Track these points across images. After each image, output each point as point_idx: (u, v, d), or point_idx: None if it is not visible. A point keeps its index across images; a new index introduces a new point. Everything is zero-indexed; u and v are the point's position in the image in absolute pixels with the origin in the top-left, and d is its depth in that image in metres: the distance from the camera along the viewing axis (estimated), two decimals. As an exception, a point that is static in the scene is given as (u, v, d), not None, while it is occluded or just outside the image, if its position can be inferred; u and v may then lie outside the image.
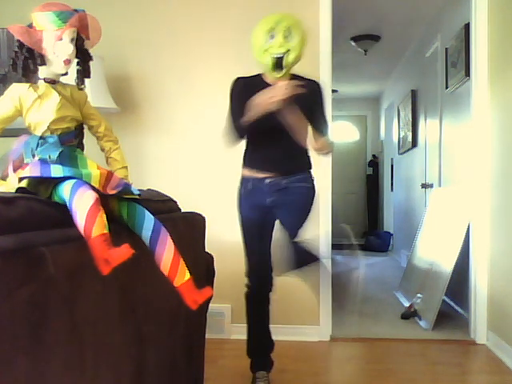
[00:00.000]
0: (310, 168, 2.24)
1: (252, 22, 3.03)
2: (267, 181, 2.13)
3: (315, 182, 2.23)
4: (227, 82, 3.04)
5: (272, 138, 2.11)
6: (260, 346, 2.33)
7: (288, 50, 2.00)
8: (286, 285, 2.88)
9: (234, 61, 3.02)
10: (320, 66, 2.97)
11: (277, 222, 2.22)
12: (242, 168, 2.24)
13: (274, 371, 2.47)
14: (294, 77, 2.13)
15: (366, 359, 2.75)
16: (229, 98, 2.19)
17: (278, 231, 2.22)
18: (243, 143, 2.23)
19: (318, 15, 2.98)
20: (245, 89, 2.12)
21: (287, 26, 2.01)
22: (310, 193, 2.19)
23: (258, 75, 2.18)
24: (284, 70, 2.04)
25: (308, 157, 2.24)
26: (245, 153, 2.24)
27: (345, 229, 2.34)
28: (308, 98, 2.05)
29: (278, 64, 2.01)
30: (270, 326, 2.33)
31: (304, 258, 2.14)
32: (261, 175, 2.14)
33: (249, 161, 2.21)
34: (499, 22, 2.80)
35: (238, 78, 2.21)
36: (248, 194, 2.19)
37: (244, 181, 2.21)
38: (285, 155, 2.15)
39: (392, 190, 6.92)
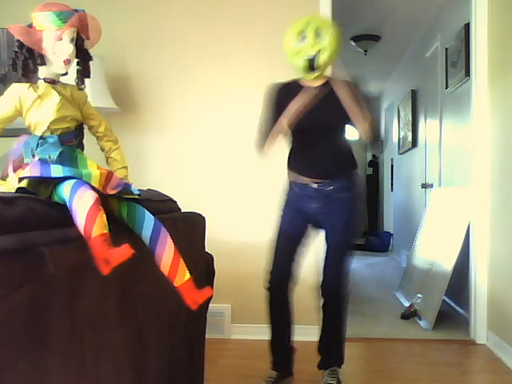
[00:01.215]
0: (355, 168, 2.25)
1: (252, 22, 3.05)
2: (313, 186, 2.15)
3: (359, 182, 2.25)
4: (227, 81, 3.06)
5: (314, 138, 2.13)
6: (273, 343, 2.31)
7: (319, 51, 2.01)
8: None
9: (234, 60, 3.02)
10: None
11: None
12: (287, 170, 2.26)
13: (274, 371, 2.47)
14: (329, 78, 2.15)
15: (366, 359, 2.75)
16: (264, 105, 2.21)
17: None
18: (286, 144, 2.25)
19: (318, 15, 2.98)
20: (280, 96, 2.16)
21: (317, 26, 2.02)
22: (354, 205, 2.20)
23: (294, 81, 2.18)
24: (317, 71, 2.05)
25: (352, 156, 2.26)
26: (289, 154, 2.25)
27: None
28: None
29: (310, 65, 2.02)
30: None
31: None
32: (306, 180, 2.16)
33: (293, 163, 2.23)
34: (499, 22, 2.80)
35: (274, 85, 2.20)
36: (294, 197, 2.21)
37: (291, 184, 2.23)
38: (328, 156, 2.17)
39: (392, 190, 6.92)
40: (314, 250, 2.90)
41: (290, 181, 2.23)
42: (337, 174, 2.17)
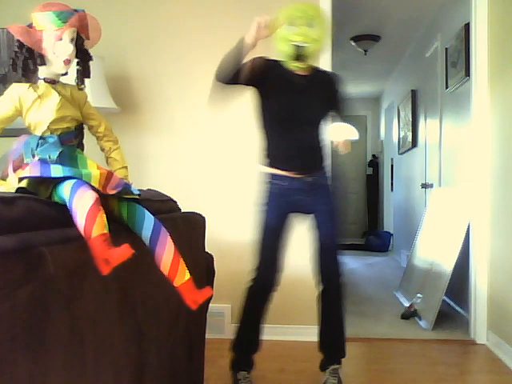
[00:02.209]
0: (325, 165, 2.23)
1: (252, 22, 3.04)
2: (296, 180, 2.11)
3: (340, 173, 2.28)
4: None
5: (296, 130, 2.08)
6: (248, 344, 2.26)
7: (310, 40, 1.96)
8: (286, 285, 2.88)
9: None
10: (320, 66, 2.96)
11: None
12: (264, 165, 2.17)
13: (274, 371, 2.47)
14: (315, 70, 2.12)
15: (366, 359, 2.75)
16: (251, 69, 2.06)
17: None
18: (262, 137, 2.18)
19: (318, 15, 2.98)
20: (267, 68, 2.06)
21: (311, 15, 1.97)
22: (335, 195, 2.20)
23: (282, 62, 2.09)
24: (303, 61, 2.00)
25: (324, 150, 2.22)
26: (266, 149, 2.16)
27: None
28: (328, 89, 2.13)
29: (298, 54, 1.97)
30: (264, 325, 2.27)
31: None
32: (289, 173, 2.10)
33: (274, 157, 2.14)
34: (499, 22, 2.80)
35: (266, 59, 2.09)
36: (277, 191, 2.13)
37: (272, 178, 2.13)
38: (310, 149, 2.14)
39: (392, 190, 6.92)
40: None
41: (272, 174, 2.14)
42: (319, 165, 2.16)
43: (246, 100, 3.01)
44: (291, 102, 2.05)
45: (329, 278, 2.20)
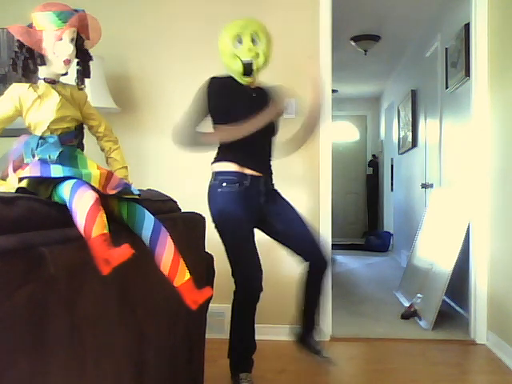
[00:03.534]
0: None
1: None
2: (262, 180, 2.14)
3: None
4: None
5: (257, 138, 2.08)
6: (246, 346, 2.26)
7: (257, 54, 2.05)
8: (286, 285, 2.88)
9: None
10: (320, 66, 2.97)
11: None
12: (223, 161, 2.14)
13: (274, 371, 2.47)
14: (260, 83, 2.21)
15: (366, 359, 2.75)
16: (198, 96, 2.14)
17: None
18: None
19: (318, 15, 2.98)
20: (221, 89, 2.13)
21: (254, 30, 2.06)
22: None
23: (231, 78, 2.16)
24: (252, 76, 2.10)
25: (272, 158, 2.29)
26: (228, 147, 2.13)
27: None
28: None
29: (249, 69, 2.06)
30: (258, 324, 2.25)
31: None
32: (255, 173, 2.11)
33: (238, 156, 2.11)
34: (499, 22, 2.80)
35: (213, 78, 2.16)
36: (243, 191, 2.08)
37: (236, 175, 2.09)
38: (269, 155, 2.23)
39: (392, 190, 6.92)
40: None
41: (236, 172, 2.09)
42: (270, 171, 2.23)
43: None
44: (247, 111, 2.08)
45: (320, 263, 2.18)
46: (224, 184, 2.09)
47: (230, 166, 2.11)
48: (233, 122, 2.07)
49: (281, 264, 2.90)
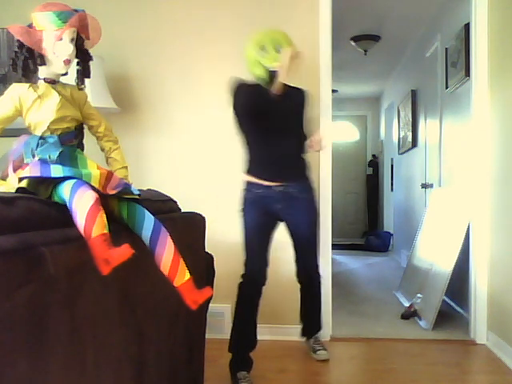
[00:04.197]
0: (309, 170, 2.42)
1: (253, 22, 3.05)
2: (276, 189, 2.29)
3: (313, 184, 2.45)
4: (227, 82, 3.05)
5: (276, 139, 2.26)
6: (245, 341, 2.33)
7: (280, 63, 2.15)
8: (286, 285, 2.88)
9: (234, 61, 3.02)
10: (320, 66, 2.97)
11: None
12: (244, 173, 2.37)
13: (274, 371, 2.47)
14: (286, 87, 2.29)
15: (366, 359, 2.75)
16: (235, 96, 2.24)
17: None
18: (243, 147, 2.38)
19: (318, 15, 2.98)
20: (250, 92, 2.25)
21: (277, 39, 2.20)
22: (315, 205, 2.43)
23: (258, 84, 2.29)
24: (276, 83, 2.19)
25: (306, 159, 2.41)
26: (247, 157, 2.35)
27: None
28: (300, 103, 2.39)
29: (270, 76, 2.19)
30: (258, 324, 2.37)
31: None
32: (269, 183, 2.28)
33: (253, 166, 2.33)
34: (499, 22, 2.80)
35: (239, 81, 2.27)
36: (256, 199, 2.31)
37: (250, 186, 2.33)
38: (290, 158, 2.33)
39: (392, 190, 6.92)
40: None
41: (251, 182, 2.33)
42: (298, 176, 2.37)
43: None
44: (269, 116, 2.24)
45: (307, 278, 2.53)
46: (245, 191, 2.36)
47: (249, 178, 2.34)
48: (255, 122, 2.25)
49: (280, 264, 2.90)
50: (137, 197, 1.31)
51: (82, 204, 1.09)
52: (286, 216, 2.36)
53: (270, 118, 2.23)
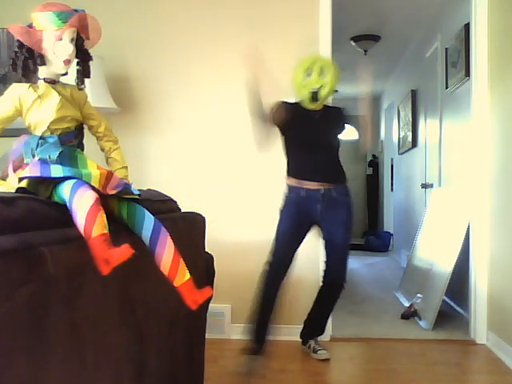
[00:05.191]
0: (346, 181, 2.61)
1: (252, 22, 3.05)
2: (320, 191, 2.47)
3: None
4: (227, 81, 3.06)
5: (315, 150, 2.49)
6: (265, 313, 2.45)
7: (322, 86, 2.43)
8: (288, 286, 2.88)
9: (234, 61, 3.02)
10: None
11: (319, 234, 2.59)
12: (287, 177, 2.54)
13: (274, 371, 2.47)
14: (326, 107, 2.59)
15: (366, 359, 2.75)
16: (276, 109, 2.47)
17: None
18: (283, 154, 2.58)
19: (318, 15, 2.98)
20: (291, 113, 2.48)
21: (321, 65, 2.44)
22: (352, 207, 2.62)
23: (299, 104, 2.56)
24: (319, 102, 2.48)
25: (342, 169, 2.61)
26: (289, 163, 2.56)
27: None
28: (338, 121, 2.65)
29: (314, 97, 2.45)
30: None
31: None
32: (313, 184, 2.47)
33: (297, 171, 2.52)
34: (499, 22, 2.80)
35: (285, 102, 2.52)
36: (298, 200, 2.48)
37: (294, 189, 2.50)
38: (329, 165, 2.54)
39: (392, 190, 6.92)
40: (313, 252, 2.91)
41: (293, 186, 2.51)
42: (338, 180, 2.55)
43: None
44: (308, 131, 2.50)
45: (335, 281, 2.56)
46: (287, 194, 2.54)
47: (291, 181, 2.53)
48: (294, 137, 2.53)
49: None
50: (137, 197, 1.31)
51: (82, 204, 1.09)
52: (324, 217, 2.50)
53: (308, 132, 2.49)
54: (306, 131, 2.52)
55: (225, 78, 3.06)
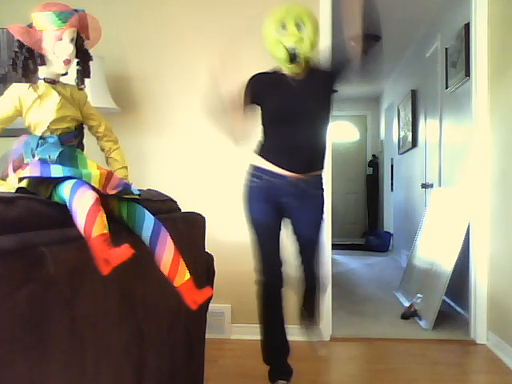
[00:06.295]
0: (324, 167, 2.21)
1: (252, 21, 3.04)
2: (287, 179, 2.08)
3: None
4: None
5: (294, 128, 2.05)
6: (277, 348, 2.24)
7: (301, 40, 1.96)
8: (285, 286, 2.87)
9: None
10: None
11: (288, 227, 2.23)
12: (256, 155, 2.16)
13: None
14: (309, 69, 2.10)
15: (366, 359, 2.75)
16: (244, 93, 2.10)
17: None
18: (258, 131, 2.18)
19: (318, 15, 2.98)
20: (261, 84, 2.11)
21: (298, 15, 1.97)
22: (323, 204, 2.22)
23: (275, 71, 2.13)
24: (297, 63, 2.00)
25: (325, 154, 2.19)
26: (264, 142, 2.16)
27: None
28: (326, 82, 2.13)
29: (292, 56, 1.97)
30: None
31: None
32: (283, 172, 2.07)
33: (267, 151, 2.12)
34: (499, 22, 2.80)
35: (256, 74, 2.14)
36: (263, 187, 2.11)
37: (259, 171, 2.12)
38: (308, 150, 2.10)
39: (392, 190, 6.92)
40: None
41: (262, 168, 2.11)
42: (313, 170, 2.13)
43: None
44: (287, 102, 2.07)
45: (309, 279, 2.26)
46: (250, 177, 2.16)
47: (260, 162, 2.13)
48: (266, 111, 2.09)
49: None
50: (137, 197, 1.31)
51: (81, 204, 1.09)
52: (294, 210, 2.15)
53: (285, 106, 2.06)
54: (283, 101, 2.07)
55: (225, 78, 3.06)
